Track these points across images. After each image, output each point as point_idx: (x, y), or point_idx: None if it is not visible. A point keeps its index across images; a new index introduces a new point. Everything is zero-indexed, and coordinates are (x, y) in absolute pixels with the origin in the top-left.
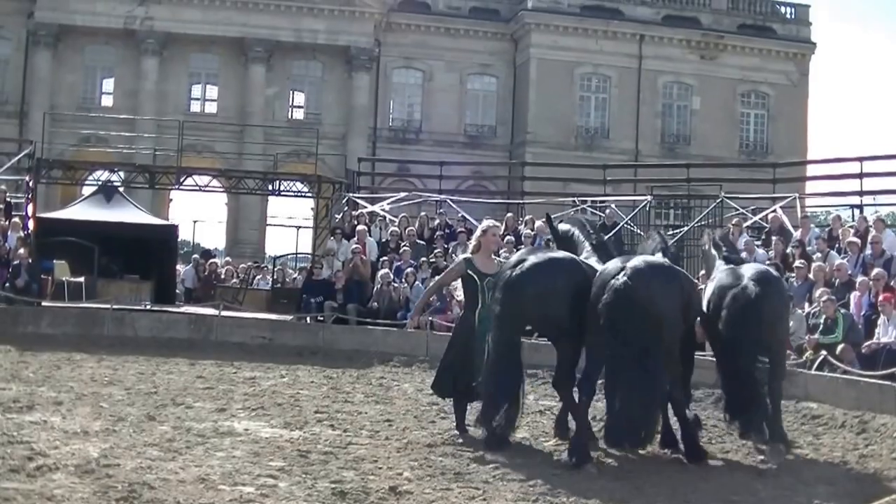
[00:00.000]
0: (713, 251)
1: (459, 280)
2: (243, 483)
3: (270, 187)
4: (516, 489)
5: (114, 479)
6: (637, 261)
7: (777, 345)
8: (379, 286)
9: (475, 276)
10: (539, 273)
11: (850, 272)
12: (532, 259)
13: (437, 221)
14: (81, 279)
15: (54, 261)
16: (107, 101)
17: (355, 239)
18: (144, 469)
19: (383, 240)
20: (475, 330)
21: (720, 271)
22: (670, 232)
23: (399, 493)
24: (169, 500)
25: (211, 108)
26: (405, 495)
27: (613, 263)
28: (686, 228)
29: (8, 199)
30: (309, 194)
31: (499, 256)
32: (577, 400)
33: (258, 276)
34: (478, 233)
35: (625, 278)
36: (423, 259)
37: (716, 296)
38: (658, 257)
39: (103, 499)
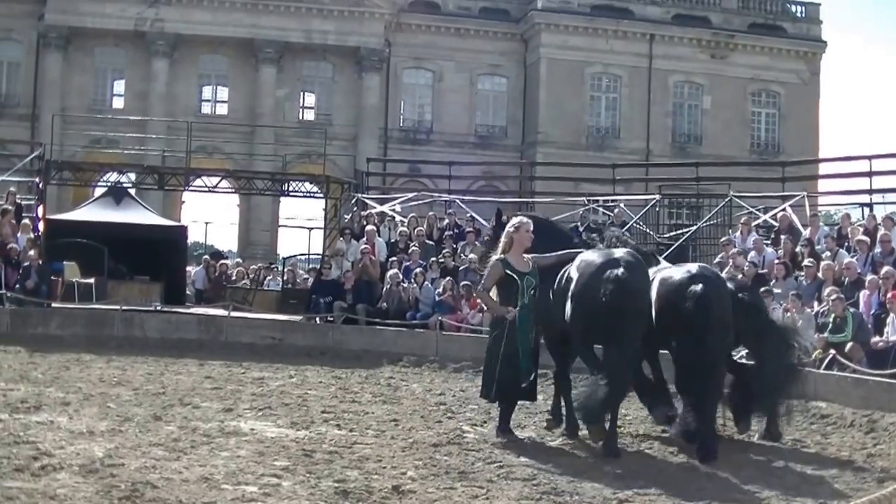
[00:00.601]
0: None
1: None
2: (246, 482)
3: (280, 188)
4: (519, 488)
5: (117, 478)
6: (699, 268)
7: None
8: (388, 286)
9: (515, 276)
10: (640, 272)
11: (859, 271)
12: (624, 257)
13: (445, 221)
14: (91, 280)
15: (64, 262)
16: (117, 102)
17: (364, 239)
18: (148, 468)
19: (392, 240)
20: (516, 330)
21: None
22: (678, 231)
23: (402, 492)
24: (171, 500)
25: (221, 109)
26: (408, 494)
27: (674, 270)
28: (695, 228)
29: (18, 201)
30: (319, 195)
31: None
32: None
33: (268, 277)
34: (509, 229)
35: (702, 285)
36: (433, 259)
37: None
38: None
39: (106, 498)
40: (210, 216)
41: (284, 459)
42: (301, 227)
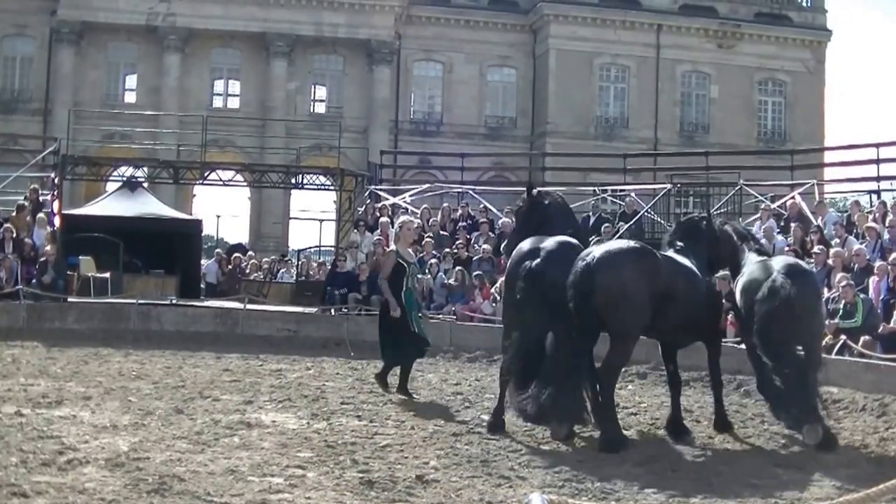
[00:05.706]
0: (741, 243)
1: None
2: (272, 474)
3: (293, 181)
4: (542, 476)
5: (144, 471)
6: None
7: (809, 337)
8: None
9: (404, 264)
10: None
11: (868, 257)
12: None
13: (459, 213)
14: (107, 275)
15: (80, 257)
16: (130, 97)
17: (379, 231)
18: (174, 462)
19: None
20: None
21: (752, 264)
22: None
23: (426, 481)
24: (199, 492)
25: (233, 102)
26: (432, 484)
27: None
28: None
29: (39, 198)
30: (331, 187)
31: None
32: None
33: (282, 270)
34: (398, 227)
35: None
36: (446, 250)
37: (748, 290)
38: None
39: (134, 491)
40: (220, 209)
41: (308, 451)
42: (313, 219)
